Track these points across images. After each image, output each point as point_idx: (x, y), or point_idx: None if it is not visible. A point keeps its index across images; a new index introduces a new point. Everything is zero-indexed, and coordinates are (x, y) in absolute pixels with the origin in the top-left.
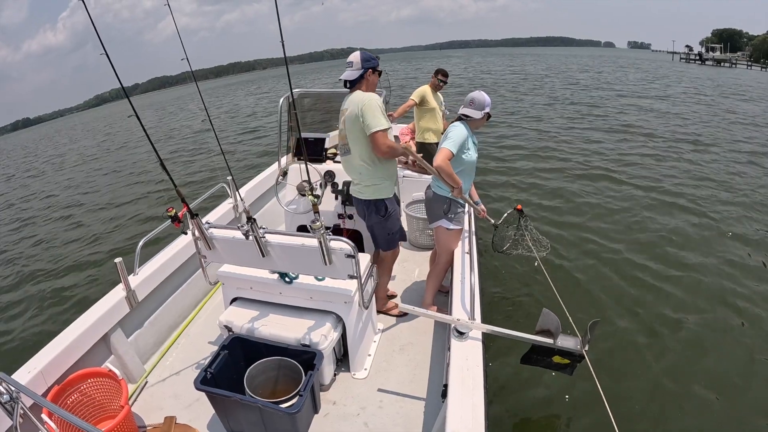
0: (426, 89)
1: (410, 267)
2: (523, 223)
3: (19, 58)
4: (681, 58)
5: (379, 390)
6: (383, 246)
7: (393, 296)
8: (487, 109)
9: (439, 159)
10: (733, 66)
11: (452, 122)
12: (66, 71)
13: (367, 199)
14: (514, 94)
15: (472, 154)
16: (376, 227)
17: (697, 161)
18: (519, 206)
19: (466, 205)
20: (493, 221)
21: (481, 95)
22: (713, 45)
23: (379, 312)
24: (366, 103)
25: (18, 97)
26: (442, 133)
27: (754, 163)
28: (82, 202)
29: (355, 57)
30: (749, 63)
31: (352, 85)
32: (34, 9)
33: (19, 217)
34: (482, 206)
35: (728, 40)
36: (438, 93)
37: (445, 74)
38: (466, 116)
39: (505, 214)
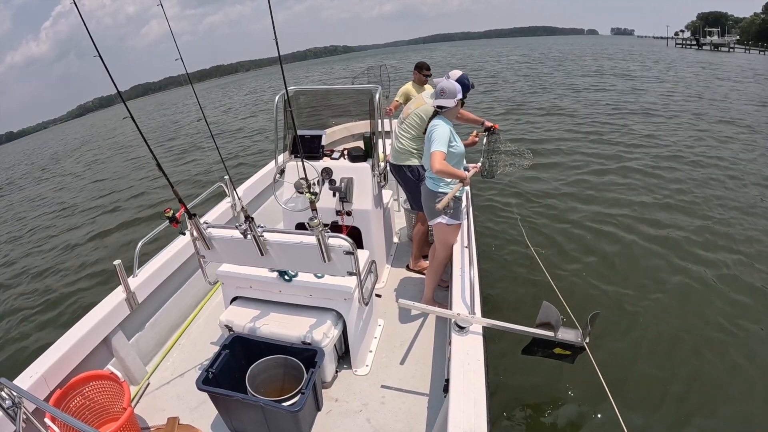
0: (409, 87)
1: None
2: (495, 137)
3: (2, 71)
4: (677, 44)
5: (381, 386)
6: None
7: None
8: (459, 96)
9: (437, 164)
10: (731, 50)
11: (429, 119)
12: (50, 82)
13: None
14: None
15: (459, 145)
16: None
17: None
18: (495, 126)
19: (463, 197)
20: (482, 161)
21: (450, 83)
22: (710, 29)
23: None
24: None
25: (1, 111)
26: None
27: None
28: (78, 203)
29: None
30: (747, 47)
31: None
32: (18, 20)
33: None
34: (470, 164)
35: (714, 24)
36: (425, 87)
37: (428, 68)
38: (441, 107)
39: (485, 139)
